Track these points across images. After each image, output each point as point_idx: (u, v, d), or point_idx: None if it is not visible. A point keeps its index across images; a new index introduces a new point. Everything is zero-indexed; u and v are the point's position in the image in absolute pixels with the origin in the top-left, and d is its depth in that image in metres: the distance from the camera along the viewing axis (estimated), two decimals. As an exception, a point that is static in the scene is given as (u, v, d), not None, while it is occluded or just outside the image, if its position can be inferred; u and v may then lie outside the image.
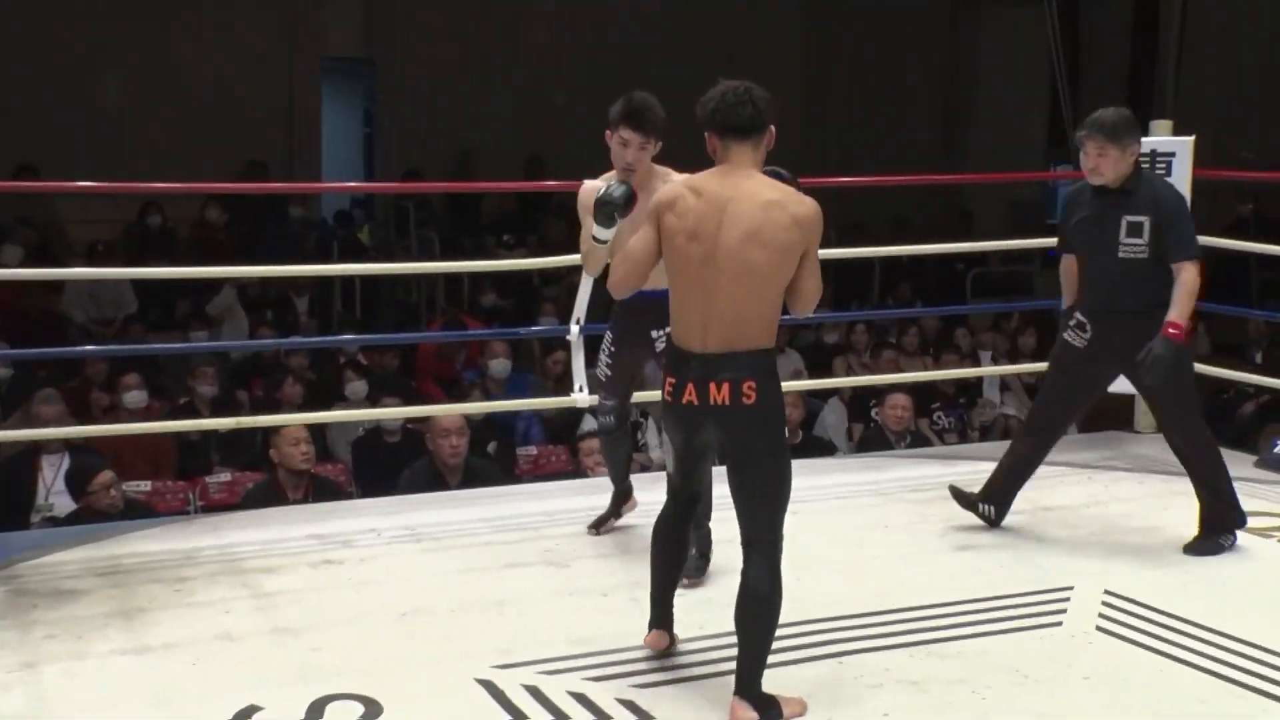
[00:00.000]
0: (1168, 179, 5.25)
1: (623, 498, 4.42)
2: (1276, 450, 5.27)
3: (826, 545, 4.31)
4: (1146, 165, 5.32)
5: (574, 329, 4.85)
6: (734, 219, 2.93)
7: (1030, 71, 12.24)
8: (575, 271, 4.99)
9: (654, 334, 3.81)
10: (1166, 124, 5.54)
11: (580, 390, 4.89)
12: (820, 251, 3.02)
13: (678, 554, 3.22)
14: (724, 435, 2.98)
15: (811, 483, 5.09)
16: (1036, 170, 11.91)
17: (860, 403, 7.35)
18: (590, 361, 4.48)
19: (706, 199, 2.96)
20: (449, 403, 6.18)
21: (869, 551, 4.21)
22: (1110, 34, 11.86)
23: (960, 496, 4.46)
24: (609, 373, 4.03)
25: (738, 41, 11.84)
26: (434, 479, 5.39)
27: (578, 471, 6.06)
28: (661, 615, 3.28)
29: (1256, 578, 4.00)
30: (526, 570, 4.04)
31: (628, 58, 11.17)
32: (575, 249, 4.92)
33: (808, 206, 2.97)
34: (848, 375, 7.79)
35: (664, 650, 3.29)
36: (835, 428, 7.49)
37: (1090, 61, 11.98)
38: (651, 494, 4.01)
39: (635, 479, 4.44)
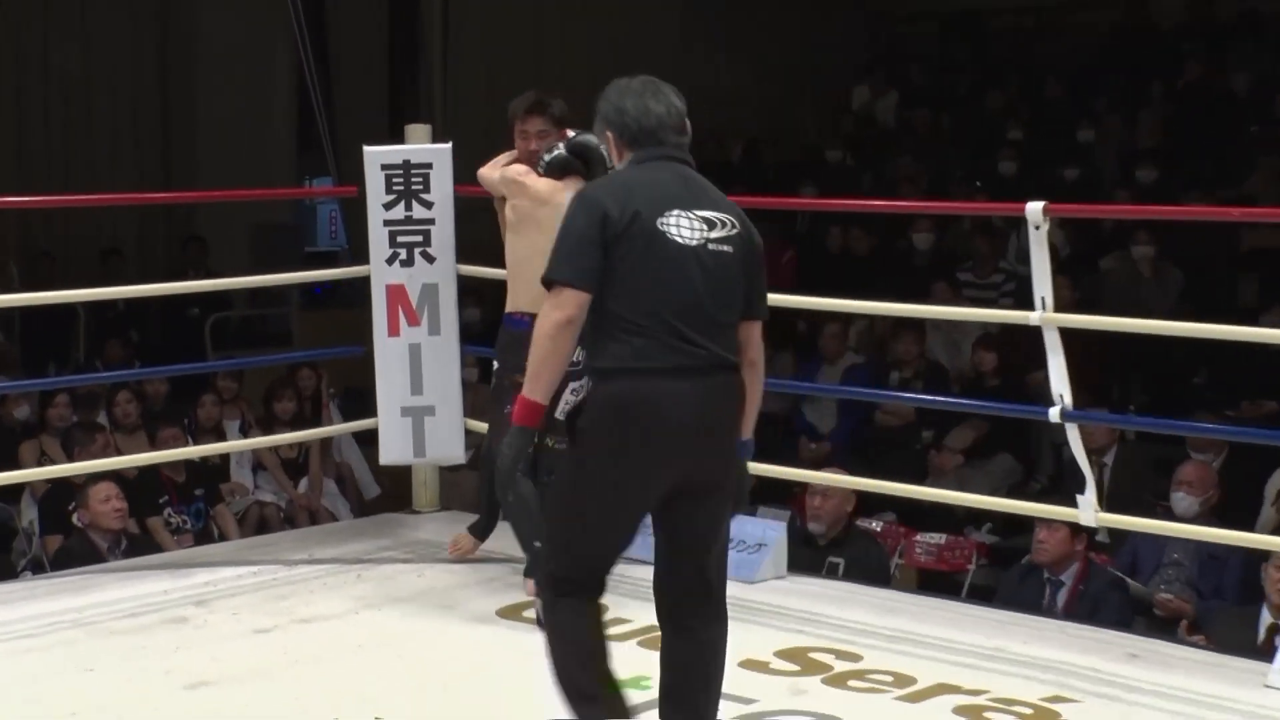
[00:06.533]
0: (425, 194, 5.58)
1: None
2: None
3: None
4: (400, 178, 5.60)
5: None
6: None
7: (269, 62, 12.47)
8: None
9: None
10: (424, 128, 5.86)
11: None
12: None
13: None
14: None
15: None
16: (287, 185, 12.15)
17: (57, 503, 7.04)
18: None
19: None
20: None
21: (66, 707, 4.04)
22: (364, 20, 12.43)
23: None
24: None
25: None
26: None
27: None
28: None
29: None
30: None
31: None
32: None
33: None
34: (42, 464, 7.42)
35: None
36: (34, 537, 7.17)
37: (344, 52, 12.46)
38: None
39: None
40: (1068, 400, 4.64)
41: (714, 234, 3.40)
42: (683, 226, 3.36)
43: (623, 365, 3.31)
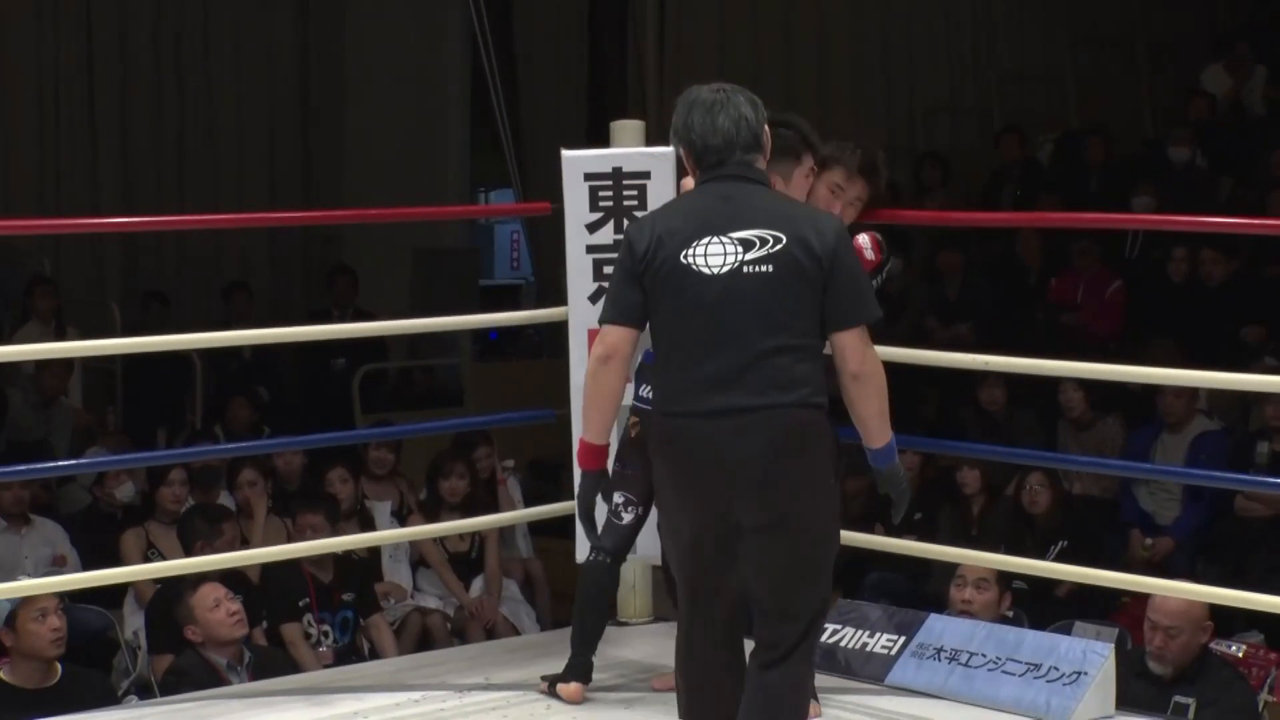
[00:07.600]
0: (640, 212, 5.59)
1: None
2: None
3: None
4: (609, 191, 5.63)
5: None
6: None
7: (435, 49, 12.70)
8: None
9: None
10: (635, 126, 5.90)
11: None
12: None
13: None
14: None
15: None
16: (457, 201, 12.35)
17: (168, 609, 7.21)
18: None
19: None
20: None
21: None
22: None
23: None
24: None
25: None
26: None
27: None
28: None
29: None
30: None
31: None
32: None
33: None
34: (149, 559, 7.59)
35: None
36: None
37: (530, 34, 12.66)
38: None
39: None
40: None
41: (750, 255, 4.14)
42: (711, 255, 4.15)
43: (657, 407, 4.31)
